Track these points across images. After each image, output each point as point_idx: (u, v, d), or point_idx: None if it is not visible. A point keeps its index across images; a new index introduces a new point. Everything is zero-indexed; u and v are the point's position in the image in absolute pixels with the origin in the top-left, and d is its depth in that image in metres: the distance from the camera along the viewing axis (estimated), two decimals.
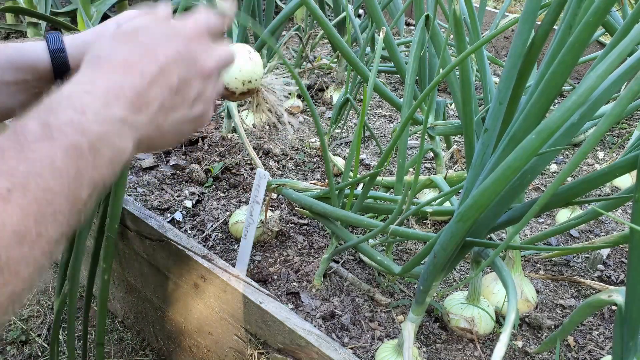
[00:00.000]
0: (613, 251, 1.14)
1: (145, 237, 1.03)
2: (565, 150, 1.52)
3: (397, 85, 1.95)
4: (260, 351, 0.88)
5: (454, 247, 0.68)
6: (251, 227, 0.94)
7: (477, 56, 0.87)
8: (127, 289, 1.21)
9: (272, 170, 1.37)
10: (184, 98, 0.53)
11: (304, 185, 1.00)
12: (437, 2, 1.00)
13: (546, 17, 0.62)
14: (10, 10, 1.89)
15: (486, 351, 0.90)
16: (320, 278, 1.00)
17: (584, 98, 0.47)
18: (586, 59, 1.62)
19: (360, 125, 0.87)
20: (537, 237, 1.00)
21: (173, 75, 0.51)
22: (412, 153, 1.50)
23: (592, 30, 0.50)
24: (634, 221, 0.52)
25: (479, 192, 0.58)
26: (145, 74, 0.49)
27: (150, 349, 1.22)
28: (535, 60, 0.65)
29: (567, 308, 1.00)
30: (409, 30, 2.50)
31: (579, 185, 0.61)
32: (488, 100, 0.91)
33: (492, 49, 2.32)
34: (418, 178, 0.74)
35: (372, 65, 0.95)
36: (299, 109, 1.68)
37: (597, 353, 0.91)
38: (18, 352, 1.21)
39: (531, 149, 0.51)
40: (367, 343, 0.90)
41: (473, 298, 0.91)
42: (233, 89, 0.75)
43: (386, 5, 1.32)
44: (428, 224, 1.20)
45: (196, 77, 0.54)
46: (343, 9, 1.66)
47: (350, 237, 0.91)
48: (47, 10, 2.04)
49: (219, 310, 0.94)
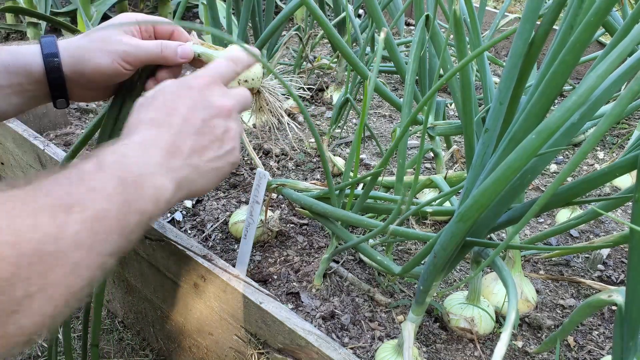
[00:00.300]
0: (613, 251, 1.14)
1: (145, 237, 1.03)
2: (565, 150, 1.52)
3: (397, 85, 1.95)
4: (260, 351, 0.88)
5: (454, 247, 0.68)
6: (251, 227, 0.94)
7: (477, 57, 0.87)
8: (127, 289, 1.21)
9: (272, 170, 1.37)
10: (212, 137, 0.60)
11: (304, 185, 1.00)
12: (437, 2, 1.00)
13: (546, 17, 0.62)
14: (10, 10, 1.89)
15: (486, 351, 0.90)
16: (320, 278, 1.00)
17: (584, 98, 0.47)
18: (586, 59, 1.62)
19: (361, 126, 0.87)
20: (537, 237, 1.00)
21: (196, 120, 0.58)
22: (412, 153, 1.50)
23: (593, 31, 0.50)
24: (634, 221, 0.52)
25: (479, 192, 0.58)
26: (172, 126, 0.57)
27: (150, 349, 1.22)
28: (535, 60, 0.65)
29: (567, 308, 1.00)
30: (409, 30, 2.50)
31: (579, 185, 0.61)
32: (488, 100, 0.91)
33: (492, 49, 2.32)
34: (418, 178, 0.74)
35: (372, 65, 0.95)
36: (299, 109, 1.68)
37: (597, 353, 0.91)
38: (18, 352, 1.21)
39: (531, 149, 0.51)
40: (367, 343, 0.90)
41: (473, 298, 0.91)
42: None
43: (386, 5, 1.32)
44: (428, 224, 1.20)
45: (217, 117, 0.60)
46: (343, 9, 1.66)
47: (350, 237, 0.91)
48: (47, 10, 2.04)
49: (219, 310, 0.94)
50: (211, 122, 0.60)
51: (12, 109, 0.70)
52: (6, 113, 0.70)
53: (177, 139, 0.56)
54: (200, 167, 0.58)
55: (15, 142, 1.35)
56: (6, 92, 0.67)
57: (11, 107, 0.69)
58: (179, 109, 0.58)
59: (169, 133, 0.56)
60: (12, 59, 0.67)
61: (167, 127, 0.57)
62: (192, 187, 0.58)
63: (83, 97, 0.74)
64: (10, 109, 0.69)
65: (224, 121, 0.61)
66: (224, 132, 0.61)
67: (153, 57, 0.70)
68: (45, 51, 0.67)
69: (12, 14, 2.18)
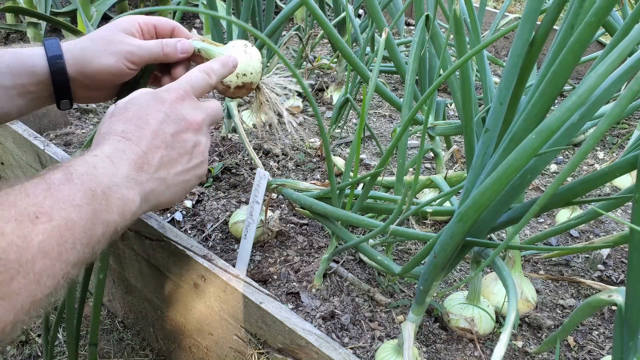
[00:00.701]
0: (613, 251, 1.14)
1: (145, 237, 1.03)
2: (565, 150, 1.52)
3: (397, 85, 1.95)
4: (260, 351, 0.88)
5: (454, 247, 0.68)
6: (251, 227, 0.94)
7: (477, 56, 0.87)
8: (127, 289, 1.21)
9: (272, 170, 1.37)
10: (181, 151, 0.61)
11: (304, 185, 1.00)
12: (437, 2, 1.00)
13: (546, 17, 0.62)
14: (10, 10, 1.89)
15: (486, 351, 0.90)
16: (320, 278, 1.00)
17: (584, 98, 0.47)
18: (586, 59, 1.62)
19: (361, 126, 0.87)
20: (537, 237, 1.00)
21: (165, 134, 0.59)
22: (412, 153, 1.50)
23: (593, 30, 0.50)
24: (634, 221, 0.52)
25: (479, 192, 0.58)
26: (141, 139, 0.58)
27: (150, 349, 1.22)
28: (535, 60, 0.65)
29: (567, 308, 1.00)
30: (409, 30, 2.50)
31: (579, 185, 0.61)
32: (488, 100, 0.91)
33: (492, 49, 2.32)
34: (418, 178, 0.74)
35: (372, 65, 0.95)
36: (299, 109, 1.68)
37: (597, 353, 0.91)
38: (18, 352, 1.21)
39: (531, 149, 0.51)
40: (367, 343, 0.90)
41: (473, 298, 0.91)
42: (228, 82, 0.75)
43: (386, 5, 1.32)
44: (428, 224, 1.20)
45: (187, 131, 0.62)
46: (343, 9, 1.66)
47: (350, 237, 0.91)
48: (47, 10, 2.04)
49: (218, 310, 0.94)
50: (181, 136, 0.61)
51: (16, 110, 0.70)
52: (9, 114, 0.70)
53: (146, 153, 0.58)
54: (168, 180, 0.60)
55: (15, 142, 1.35)
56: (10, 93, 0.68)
57: (14, 109, 0.70)
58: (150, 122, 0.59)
59: (138, 146, 0.57)
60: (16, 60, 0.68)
61: (137, 140, 0.58)
62: (159, 199, 0.60)
63: (86, 98, 0.75)
64: (13, 110, 0.70)
65: (194, 135, 0.62)
66: (194, 146, 0.62)
67: (155, 55, 0.71)
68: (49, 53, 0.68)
69: (12, 14, 2.18)
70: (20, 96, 0.69)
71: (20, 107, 0.70)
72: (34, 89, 0.69)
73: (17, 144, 1.35)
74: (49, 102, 0.72)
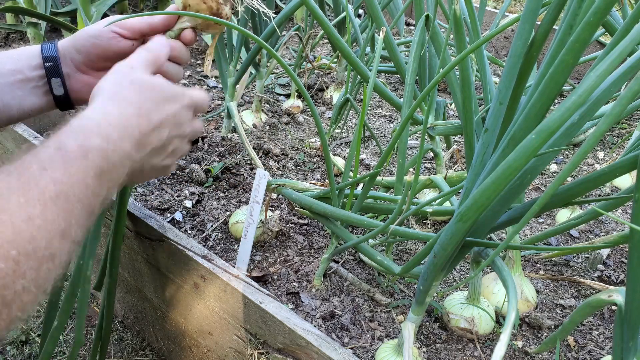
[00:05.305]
0: (613, 251, 1.14)
1: (145, 237, 1.03)
2: (565, 150, 1.52)
3: (397, 85, 1.95)
4: (260, 351, 0.88)
5: (454, 247, 0.68)
6: (251, 227, 0.94)
7: (477, 56, 0.87)
8: (127, 289, 1.21)
9: (272, 170, 1.37)
10: (165, 150, 0.65)
11: (304, 185, 1.00)
12: (437, 2, 1.00)
13: (546, 17, 0.62)
14: (10, 10, 1.89)
15: (486, 351, 0.90)
16: (320, 278, 1.00)
17: (584, 98, 0.47)
18: (586, 59, 1.62)
19: (360, 125, 0.87)
20: (537, 237, 1.00)
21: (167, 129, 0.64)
22: (412, 153, 1.50)
23: (592, 30, 0.50)
24: (634, 221, 0.52)
25: (479, 192, 0.58)
26: (151, 122, 0.61)
27: (150, 349, 1.22)
28: (535, 60, 0.65)
29: (567, 308, 1.00)
30: (409, 30, 2.50)
31: (579, 185, 0.61)
32: (488, 100, 0.91)
33: (492, 49, 2.32)
34: (418, 178, 0.74)
35: (372, 66, 0.95)
36: (299, 109, 1.68)
37: (597, 353, 0.91)
38: (18, 352, 1.21)
39: (531, 149, 0.51)
40: (367, 343, 0.90)
41: (473, 298, 0.91)
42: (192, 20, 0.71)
43: (386, 5, 1.32)
44: (428, 224, 1.20)
45: (177, 137, 0.67)
46: (343, 9, 1.66)
47: (350, 237, 0.91)
48: (47, 10, 2.04)
49: (219, 310, 0.94)
50: (172, 138, 0.66)
51: (16, 107, 0.71)
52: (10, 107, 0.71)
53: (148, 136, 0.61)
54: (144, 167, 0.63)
55: (15, 142, 1.35)
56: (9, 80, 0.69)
57: (14, 101, 0.70)
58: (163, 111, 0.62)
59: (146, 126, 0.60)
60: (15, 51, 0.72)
61: (147, 121, 0.60)
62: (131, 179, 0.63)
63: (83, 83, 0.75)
64: (13, 102, 0.70)
65: (179, 142, 0.68)
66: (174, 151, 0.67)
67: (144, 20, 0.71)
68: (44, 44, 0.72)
69: (12, 14, 2.18)
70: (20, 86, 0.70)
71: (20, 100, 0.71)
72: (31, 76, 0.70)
73: (17, 144, 1.36)
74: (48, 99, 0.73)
